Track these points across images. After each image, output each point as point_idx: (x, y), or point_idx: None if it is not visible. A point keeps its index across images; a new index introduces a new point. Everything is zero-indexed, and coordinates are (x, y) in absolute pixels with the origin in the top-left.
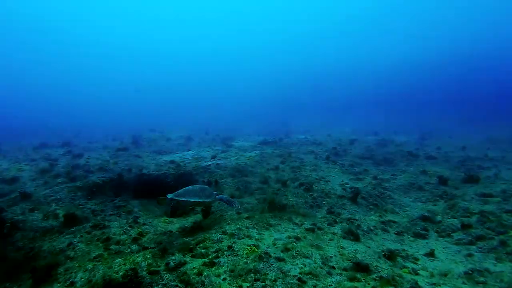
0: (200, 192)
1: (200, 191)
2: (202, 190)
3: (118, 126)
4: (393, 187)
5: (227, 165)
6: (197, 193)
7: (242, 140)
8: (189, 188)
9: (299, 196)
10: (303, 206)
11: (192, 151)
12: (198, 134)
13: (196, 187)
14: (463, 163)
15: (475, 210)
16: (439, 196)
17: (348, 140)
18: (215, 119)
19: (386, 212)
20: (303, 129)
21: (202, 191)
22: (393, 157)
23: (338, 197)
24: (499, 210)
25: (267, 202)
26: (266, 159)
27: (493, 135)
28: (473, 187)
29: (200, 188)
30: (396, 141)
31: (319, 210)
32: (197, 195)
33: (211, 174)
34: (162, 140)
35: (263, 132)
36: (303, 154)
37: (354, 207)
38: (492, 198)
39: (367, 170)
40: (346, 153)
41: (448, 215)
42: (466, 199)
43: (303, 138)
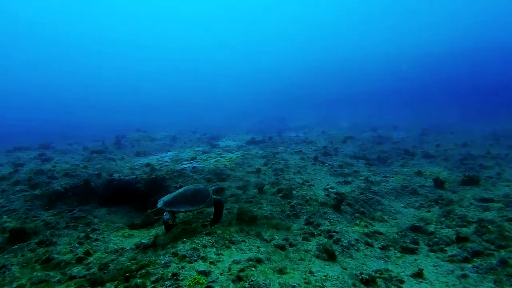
0: (192, 197)
1: (192, 196)
2: (195, 195)
3: (107, 125)
4: (383, 191)
5: (204, 168)
6: (188, 199)
7: (229, 139)
8: (181, 193)
9: (275, 204)
10: (279, 216)
11: (172, 153)
12: (185, 133)
13: (189, 190)
14: (463, 161)
15: (473, 218)
16: (434, 201)
17: (343, 137)
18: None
19: (373, 221)
20: (300, 124)
21: (195, 195)
22: (388, 156)
23: (320, 204)
24: (501, 218)
25: (236, 213)
26: (248, 160)
27: (497, 130)
28: (472, 190)
29: (194, 192)
30: (393, 138)
31: (297, 220)
32: (189, 202)
33: (185, 178)
34: (146, 140)
35: (257, 129)
36: (289, 154)
37: (337, 215)
38: (493, 203)
39: (357, 172)
40: (337, 152)
41: (443, 224)
42: (464, 204)
43: (294, 136)
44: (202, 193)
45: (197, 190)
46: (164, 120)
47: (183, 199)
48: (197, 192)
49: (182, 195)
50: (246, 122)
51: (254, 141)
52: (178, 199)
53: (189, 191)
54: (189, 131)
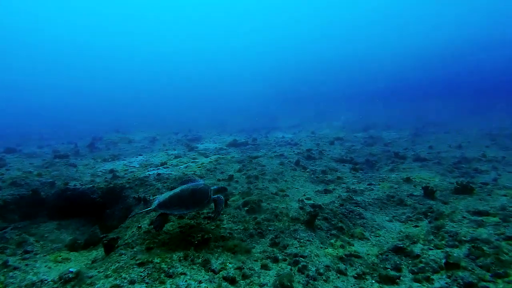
0: (189, 198)
1: (190, 196)
2: (193, 195)
3: (87, 127)
4: (367, 202)
5: (170, 175)
6: (185, 200)
7: (210, 142)
8: (177, 193)
9: (238, 221)
10: (239, 236)
11: (142, 157)
12: (167, 134)
13: (187, 190)
14: (457, 165)
15: (466, 237)
16: (423, 214)
17: (332, 138)
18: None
19: (352, 239)
20: (292, 124)
21: (193, 195)
22: (377, 160)
23: (291, 220)
24: (497, 237)
25: (186, 233)
26: (222, 166)
27: (494, 130)
28: (465, 201)
29: (192, 192)
30: (385, 138)
31: (261, 240)
32: (184, 204)
33: (147, 187)
34: (123, 142)
35: (246, 129)
36: (268, 158)
37: (310, 233)
38: (489, 217)
39: (340, 178)
40: (322, 155)
41: (431, 243)
42: (456, 218)
43: (280, 137)
44: (200, 194)
45: (196, 190)
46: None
47: (179, 200)
48: (196, 192)
49: (178, 196)
50: (237, 121)
51: (235, 144)
52: (173, 200)
53: (186, 191)
54: (172, 132)
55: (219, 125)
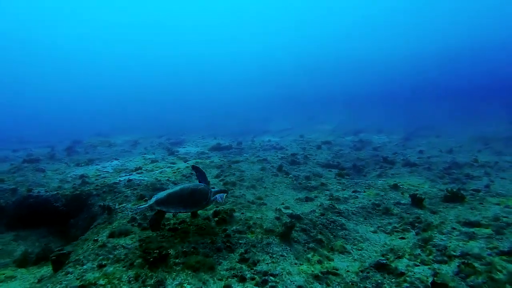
0: (189, 197)
1: (189, 196)
2: (192, 195)
3: (71, 130)
4: (350, 211)
5: (142, 182)
6: (183, 199)
7: (192, 145)
8: (176, 191)
9: (205, 233)
10: (205, 251)
11: (118, 161)
12: (150, 137)
13: (187, 189)
14: (448, 171)
15: (456, 251)
16: (410, 224)
17: (319, 142)
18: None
19: (332, 252)
20: (281, 128)
21: (192, 195)
22: (365, 165)
23: (265, 231)
24: (490, 251)
25: (140, 249)
26: None
27: (487, 133)
28: (456, 210)
29: (191, 192)
30: (375, 142)
31: (229, 256)
32: (183, 203)
33: (115, 195)
34: (104, 145)
35: (234, 132)
36: (250, 163)
37: (284, 247)
38: (480, 228)
39: (324, 185)
40: (308, 160)
41: (417, 258)
42: (445, 230)
43: (266, 141)
44: (200, 194)
45: (196, 190)
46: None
47: (178, 199)
48: (195, 192)
49: (178, 194)
50: (228, 124)
51: (219, 147)
52: (172, 198)
53: (186, 190)
54: (155, 135)
55: (207, 129)
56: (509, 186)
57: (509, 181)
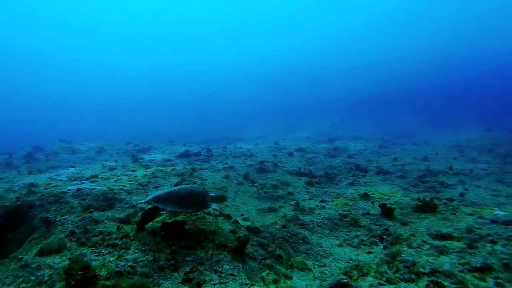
0: (186, 198)
1: (186, 196)
2: (189, 196)
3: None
4: (315, 223)
5: (93, 191)
6: (180, 198)
7: (159, 152)
8: (175, 190)
9: (148, 250)
10: (144, 270)
11: (74, 169)
12: (117, 144)
13: (185, 190)
14: (422, 179)
15: (425, 268)
16: (378, 237)
17: (293, 149)
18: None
19: (291, 270)
20: (257, 135)
21: (189, 196)
22: (336, 173)
23: (216, 247)
24: (461, 267)
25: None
26: (157, 179)
27: (462, 141)
28: (427, 221)
29: (189, 193)
30: (350, 150)
31: (172, 275)
32: (179, 202)
33: (60, 205)
34: (67, 152)
35: (209, 140)
36: (214, 171)
37: (236, 265)
38: (452, 241)
39: (291, 194)
40: (277, 168)
41: (383, 277)
42: (414, 244)
43: (238, 148)
44: (197, 196)
45: (194, 192)
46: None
47: (176, 197)
48: (193, 193)
49: (175, 193)
50: (205, 131)
51: (187, 154)
52: (170, 196)
53: (184, 190)
54: (124, 142)
55: (182, 136)
56: (484, 194)
57: (483, 189)
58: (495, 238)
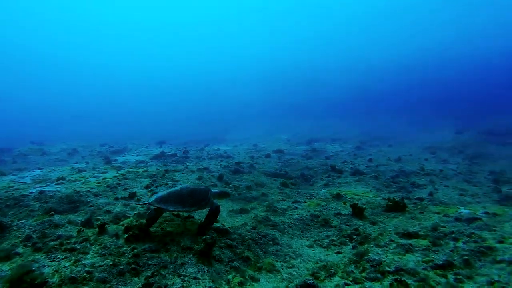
0: (187, 197)
1: (188, 195)
2: (191, 194)
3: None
4: (286, 224)
5: (56, 194)
6: (182, 198)
7: (134, 154)
8: (177, 190)
9: (108, 254)
10: (103, 276)
11: (40, 171)
12: (90, 146)
13: (187, 188)
14: (394, 179)
15: (390, 267)
16: (348, 237)
17: (271, 151)
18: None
19: (258, 272)
20: (238, 137)
21: (191, 195)
22: (312, 174)
23: (181, 249)
24: (425, 265)
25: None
26: (128, 181)
27: (434, 143)
28: (396, 220)
29: (191, 191)
30: (328, 151)
31: (132, 280)
32: (181, 202)
33: (20, 209)
34: (37, 154)
35: (189, 141)
36: (188, 172)
37: (201, 268)
38: (418, 239)
39: (265, 195)
40: (253, 169)
41: (350, 276)
42: (382, 243)
43: (215, 149)
44: (200, 194)
45: (196, 190)
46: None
47: (178, 197)
48: (195, 192)
49: (177, 193)
50: (187, 132)
51: (162, 156)
52: (172, 197)
53: (186, 190)
54: (98, 143)
55: (162, 137)
56: (452, 194)
57: (451, 189)
58: (457, 236)
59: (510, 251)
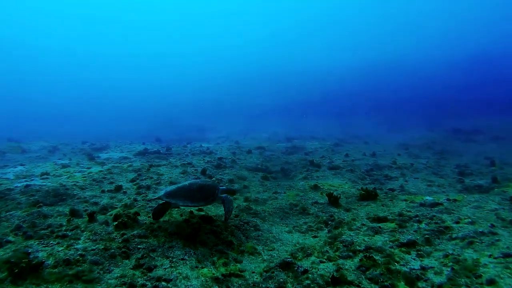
0: (197, 192)
1: (197, 191)
2: (200, 190)
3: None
4: (267, 212)
5: (43, 187)
6: (191, 193)
7: (117, 151)
8: (185, 186)
9: (99, 239)
10: (94, 258)
11: (23, 167)
12: (72, 143)
13: (195, 184)
14: (369, 172)
15: (361, 246)
16: (324, 223)
17: (253, 147)
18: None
19: (241, 255)
20: (219, 135)
21: (200, 190)
22: (291, 168)
23: (169, 235)
24: (391, 244)
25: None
26: (113, 175)
27: (407, 140)
28: (368, 207)
29: (199, 187)
30: (307, 148)
31: (123, 262)
32: (190, 197)
33: (6, 202)
34: (15, 152)
35: (172, 139)
36: (172, 167)
37: (188, 251)
38: (387, 223)
39: (247, 187)
40: (235, 164)
41: (325, 255)
42: (354, 226)
43: (198, 147)
44: (208, 190)
45: (204, 186)
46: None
47: (187, 192)
48: (204, 187)
49: (186, 188)
50: (165, 132)
51: (145, 153)
52: (181, 191)
53: (195, 185)
54: (79, 141)
55: (141, 137)
56: (420, 185)
57: (421, 180)
58: (421, 218)
59: (463, 230)
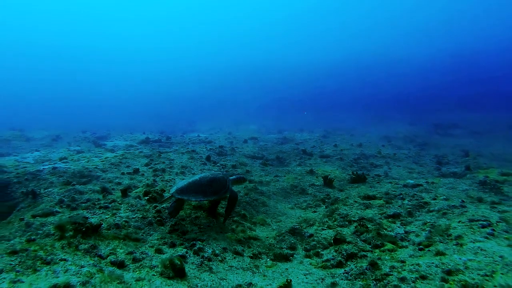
0: (207, 186)
1: (208, 185)
2: (211, 184)
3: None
4: (271, 191)
5: (69, 169)
6: (202, 188)
7: (120, 139)
8: (195, 180)
9: (137, 210)
10: (136, 225)
11: (39, 152)
12: (73, 133)
13: (205, 178)
14: (357, 161)
15: (355, 217)
16: (321, 201)
17: (247, 138)
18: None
19: (254, 225)
20: (210, 127)
21: (210, 185)
22: (286, 157)
23: (193, 208)
24: (380, 216)
25: (67, 221)
26: (128, 160)
27: (390, 134)
28: (358, 188)
29: (210, 181)
30: (297, 139)
31: (160, 228)
32: (202, 192)
33: (39, 182)
34: (20, 140)
35: (164, 131)
36: (179, 154)
37: (211, 220)
38: (375, 200)
39: (249, 172)
40: (235, 152)
41: (325, 225)
42: (348, 203)
43: (195, 136)
44: (219, 183)
45: (214, 179)
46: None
47: (197, 187)
48: (214, 180)
49: (196, 183)
50: (154, 124)
51: (148, 141)
52: (191, 187)
53: (205, 179)
54: (79, 130)
55: (133, 128)
56: (402, 172)
57: (402, 168)
58: (404, 196)
59: (439, 204)
